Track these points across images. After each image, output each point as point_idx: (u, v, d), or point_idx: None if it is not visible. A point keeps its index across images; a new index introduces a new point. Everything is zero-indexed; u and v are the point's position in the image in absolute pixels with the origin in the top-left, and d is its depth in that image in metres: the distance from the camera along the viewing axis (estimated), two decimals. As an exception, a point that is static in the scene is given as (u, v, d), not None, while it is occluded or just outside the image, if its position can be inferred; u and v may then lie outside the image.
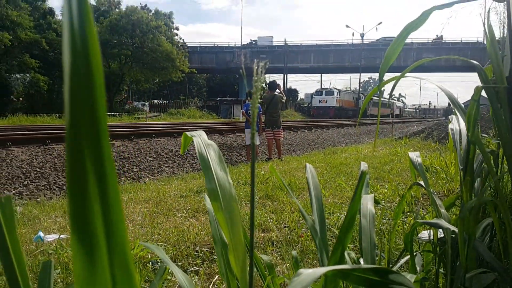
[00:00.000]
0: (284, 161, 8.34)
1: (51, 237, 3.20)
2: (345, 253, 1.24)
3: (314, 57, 54.51)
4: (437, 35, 52.03)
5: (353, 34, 76.17)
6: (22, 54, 28.81)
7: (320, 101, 46.66)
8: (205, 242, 2.92)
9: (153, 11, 43.16)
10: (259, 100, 0.61)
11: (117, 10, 38.41)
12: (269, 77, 35.52)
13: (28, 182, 6.33)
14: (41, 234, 3.22)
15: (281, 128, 9.07)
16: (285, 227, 3.30)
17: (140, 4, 61.22)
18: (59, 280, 2.34)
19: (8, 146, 8.07)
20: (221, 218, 0.72)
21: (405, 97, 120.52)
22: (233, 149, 10.56)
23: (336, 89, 49.35)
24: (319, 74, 63.84)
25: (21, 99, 32.13)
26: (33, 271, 2.50)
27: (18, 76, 31.63)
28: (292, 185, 4.95)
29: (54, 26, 31.75)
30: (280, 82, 47.23)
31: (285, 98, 9.09)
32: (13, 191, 5.91)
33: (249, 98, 8.31)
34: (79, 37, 0.23)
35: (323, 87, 50.52)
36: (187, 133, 0.88)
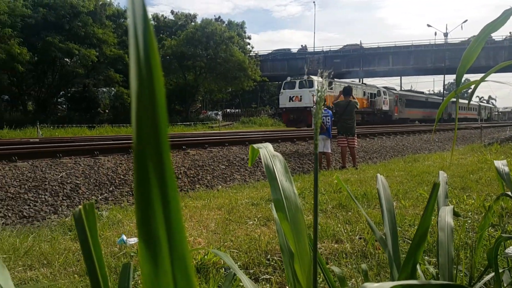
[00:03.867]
0: (359, 170, 8.13)
1: (133, 240, 3.41)
2: (420, 268, 1.18)
3: (392, 59, 51.77)
4: (510, 32, 46.80)
5: (435, 34, 72.13)
6: (108, 69, 31.13)
7: (291, 99, 27.94)
8: (276, 251, 2.93)
9: (226, 22, 44.52)
10: (323, 108, 0.61)
11: (193, 23, 40.14)
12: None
13: (113, 188, 6.78)
14: (124, 237, 3.43)
15: (356, 135, 8.85)
16: (360, 238, 3.21)
17: (214, 16, 63.61)
18: (139, 281, 2.48)
19: (96, 155, 8.72)
20: (286, 228, 0.72)
21: (495, 100, 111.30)
22: (305, 157, 10.50)
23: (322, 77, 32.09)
24: (399, 77, 61.19)
25: (107, 111, 34.67)
26: (117, 272, 2.67)
27: (104, 89, 34.28)
28: (368, 195, 4.81)
29: (136, 42, 33.80)
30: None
31: (359, 104, 8.90)
32: (100, 197, 6.37)
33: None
34: (144, 66, 0.25)
35: (298, 76, 28.93)
36: (254, 145, 0.90)
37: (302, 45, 55.93)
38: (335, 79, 30.70)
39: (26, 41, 26.03)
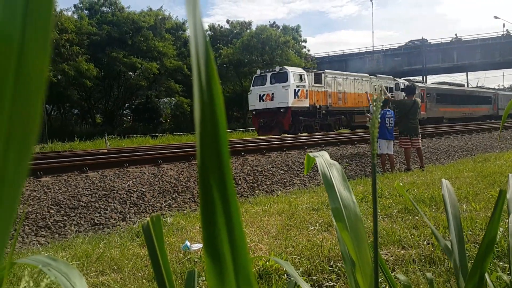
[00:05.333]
0: (426, 171, 7.81)
1: (196, 246, 3.51)
2: (490, 277, 1.12)
3: (457, 54, 49.16)
4: None
5: (503, 25, 68.09)
6: (168, 80, 32.44)
7: (261, 98, 21.73)
8: (339, 257, 2.89)
9: (281, 27, 44.72)
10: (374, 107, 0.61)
11: (248, 31, 40.76)
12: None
13: (176, 196, 7.02)
14: (188, 243, 3.54)
15: (420, 135, 8.55)
16: (428, 243, 3.10)
17: (269, 22, 64.31)
18: (203, 287, 2.55)
19: (159, 163, 9.07)
20: (346, 237, 0.72)
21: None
22: (367, 159, 10.27)
23: (305, 69, 23.27)
24: (464, 73, 58.20)
25: (168, 120, 36.07)
26: (182, 277, 2.77)
27: (165, 100, 35.73)
28: (436, 198, 4.63)
29: (194, 53, 35.04)
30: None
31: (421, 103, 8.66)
32: (164, 204, 6.62)
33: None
34: (207, 93, 0.27)
35: (270, 70, 22.77)
36: (310, 153, 0.90)
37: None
38: (326, 70, 24.29)
39: (93, 57, 27.81)
